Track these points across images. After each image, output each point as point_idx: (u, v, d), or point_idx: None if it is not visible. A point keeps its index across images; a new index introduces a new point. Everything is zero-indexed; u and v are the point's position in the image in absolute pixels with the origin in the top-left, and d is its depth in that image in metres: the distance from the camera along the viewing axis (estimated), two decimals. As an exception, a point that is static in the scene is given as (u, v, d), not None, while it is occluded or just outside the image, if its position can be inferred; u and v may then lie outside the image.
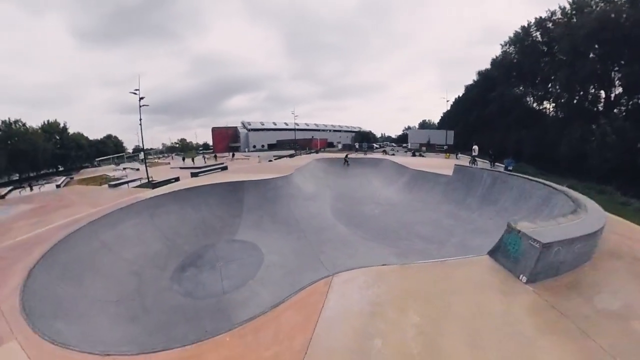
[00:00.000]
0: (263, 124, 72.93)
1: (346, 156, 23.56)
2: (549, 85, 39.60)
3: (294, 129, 52.80)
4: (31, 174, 43.44)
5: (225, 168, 20.07)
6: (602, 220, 5.44)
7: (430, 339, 3.14)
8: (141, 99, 19.36)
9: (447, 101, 40.31)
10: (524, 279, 4.38)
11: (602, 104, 32.16)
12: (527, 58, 41.01)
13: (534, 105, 45.09)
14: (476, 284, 4.42)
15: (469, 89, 58.22)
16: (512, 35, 44.91)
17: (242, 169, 19.85)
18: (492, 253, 5.20)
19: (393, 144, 71.01)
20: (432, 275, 4.65)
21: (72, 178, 35.23)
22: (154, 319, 5.88)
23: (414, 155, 30.74)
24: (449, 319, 3.56)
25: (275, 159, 28.86)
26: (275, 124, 72.66)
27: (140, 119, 20.45)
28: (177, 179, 18.81)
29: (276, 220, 10.79)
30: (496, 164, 19.66)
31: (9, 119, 41.13)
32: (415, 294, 4.03)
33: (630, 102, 29.30)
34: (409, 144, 53.12)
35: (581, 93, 33.36)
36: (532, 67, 40.46)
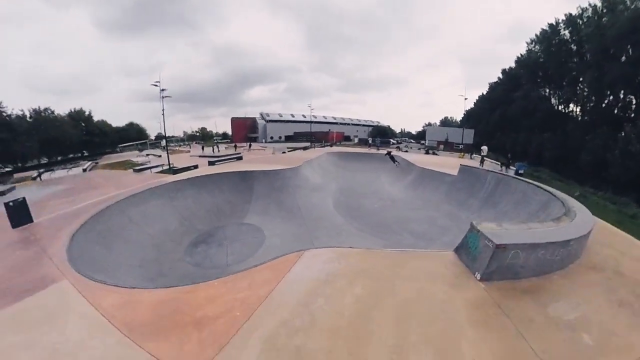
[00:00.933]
0: (281, 116, 74.29)
1: (389, 153, 23.35)
2: (577, 87, 38.17)
3: (310, 122, 53.68)
4: (59, 158, 46.94)
5: (240, 158, 21.35)
6: (583, 230, 5.33)
7: (365, 308, 3.75)
8: (162, 90, 20.86)
9: (465, 99, 39.49)
10: (478, 276, 4.58)
11: (633, 111, 30.91)
12: (553, 58, 39.64)
13: (560, 107, 43.61)
14: (429, 274, 4.75)
15: (492, 87, 57.07)
16: (538, 33, 43.01)
17: (256, 159, 21.07)
18: (457, 250, 5.46)
19: (411, 140, 70.45)
20: (391, 261, 5.14)
21: (97, 163, 37.97)
22: (168, 282, 7.07)
23: (427, 152, 30.88)
24: (388, 297, 4.05)
25: (288, 151, 29.94)
26: (293, 116, 73.78)
27: (163, 110, 22.00)
28: (195, 167, 20.33)
29: (282, 207, 11.86)
30: (510, 167, 19.78)
31: (39, 107, 44.60)
32: (368, 273, 4.64)
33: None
34: (427, 141, 52.67)
35: (611, 97, 32.00)
36: (559, 67, 39.04)
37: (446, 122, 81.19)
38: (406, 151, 31.22)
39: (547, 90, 44.53)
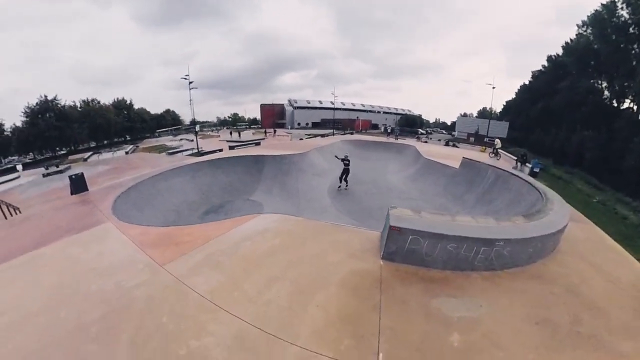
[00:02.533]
0: (309, 102, 76.21)
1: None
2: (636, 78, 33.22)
3: (333, 108, 54.94)
4: (105, 142, 53.32)
5: (258, 144, 23.69)
6: (526, 233, 4.92)
7: (272, 252, 4.98)
8: (190, 82, 23.65)
9: (493, 88, 37.85)
10: (381, 254, 4.89)
11: None
12: (608, 42, 35.19)
13: (613, 102, 39.18)
14: (340, 243, 5.33)
15: (536, 76, 52.86)
16: (591, 13, 37.79)
17: (273, 144, 23.25)
18: (382, 230, 5.61)
19: (443, 131, 68.93)
20: (320, 230, 5.94)
21: (137, 146, 43.05)
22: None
23: (447, 144, 31.05)
24: (294, 250, 5.03)
25: (307, 138, 31.82)
26: (321, 103, 75.34)
27: (191, 100, 24.93)
28: (220, 150, 23.05)
29: (284, 188, 13.80)
30: (525, 164, 19.41)
31: (87, 98, 51.37)
32: (293, 233, 5.82)
33: None
34: (456, 133, 51.64)
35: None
36: (614, 54, 34.55)
37: (484, 114, 77.88)
38: (425, 142, 31.64)
39: (600, 82, 40.33)
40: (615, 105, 38.42)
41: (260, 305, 3.56)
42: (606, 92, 39.98)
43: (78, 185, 10.51)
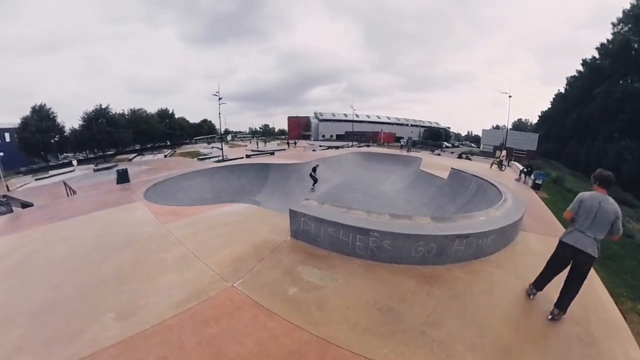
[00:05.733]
0: (334, 115, 79.58)
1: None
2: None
3: (354, 121, 57.28)
4: (148, 146, 60.58)
5: (272, 154, 26.93)
6: (410, 230, 5.20)
7: (225, 223, 7.19)
8: (220, 99, 27.72)
9: (510, 97, 37.08)
10: (290, 233, 6.24)
11: None
12: None
13: None
14: (270, 225, 7.00)
15: (570, 82, 50.26)
16: (627, 9, 35.15)
17: (285, 155, 26.43)
18: None
19: (472, 144, 68.20)
20: (266, 216, 7.91)
21: (175, 151, 48.99)
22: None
23: (459, 157, 32.03)
24: (237, 228, 6.83)
25: (321, 149, 34.57)
26: (346, 115, 78.24)
27: (220, 114, 29.67)
28: (241, 158, 26.49)
29: (283, 192, 16.55)
30: (530, 176, 19.93)
31: (134, 107, 59.90)
32: (246, 216, 7.74)
33: None
34: (482, 146, 51.47)
35: None
36: None
37: (519, 125, 75.63)
38: (438, 154, 32.88)
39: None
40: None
41: (201, 246, 6.04)
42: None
43: (122, 177, 14.14)
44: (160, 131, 61.62)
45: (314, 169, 18.19)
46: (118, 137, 49.26)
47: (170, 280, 4.71)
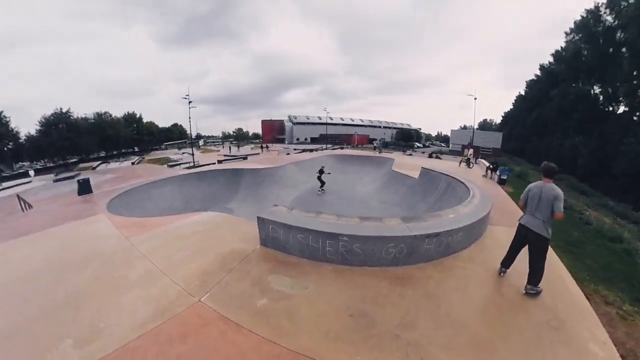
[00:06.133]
0: (308, 118, 79.73)
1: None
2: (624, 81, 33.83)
3: (328, 124, 57.74)
4: (114, 152, 57.53)
5: (245, 158, 26.44)
6: (380, 232, 5.25)
7: (192, 233, 7.10)
8: (190, 102, 26.86)
9: (475, 99, 39.16)
10: (260, 241, 6.08)
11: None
12: (595, 47, 36.65)
13: (608, 107, 39.74)
14: (239, 233, 6.81)
15: (530, 85, 55.16)
16: (578, 20, 39.32)
17: (258, 159, 26.07)
18: None
19: (442, 144, 70.84)
20: (235, 224, 7.76)
21: (143, 158, 46.79)
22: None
23: (430, 156, 33.14)
24: (205, 235, 6.85)
25: (295, 152, 34.48)
26: (320, 118, 78.74)
27: (190, 118, 28.26)
28: (213, 164, 25.77)
29: (256, 198, 16.31)
30: (495, 172, 21.02)
31: (100, 110, 56.52)
32: (214, 224, 7.84)
33: None
34: (450, 145, 53.56)
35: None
36: (602, 58, 36.02)
37: (485, 125, 79.58)
38: (410, 154, 33.83)
39: (593, 88, 41.01)
40: (610, 109, 39.13)
41: (167, 259, 5.79)
42: (601, 98, 40.58)
43: (84, 188, 13.36)
44: (127, 136, 58.80)
45: (321, 171, 18.19)
46: (81, 143, 46.41)
47: (134, 298, 4.48)
